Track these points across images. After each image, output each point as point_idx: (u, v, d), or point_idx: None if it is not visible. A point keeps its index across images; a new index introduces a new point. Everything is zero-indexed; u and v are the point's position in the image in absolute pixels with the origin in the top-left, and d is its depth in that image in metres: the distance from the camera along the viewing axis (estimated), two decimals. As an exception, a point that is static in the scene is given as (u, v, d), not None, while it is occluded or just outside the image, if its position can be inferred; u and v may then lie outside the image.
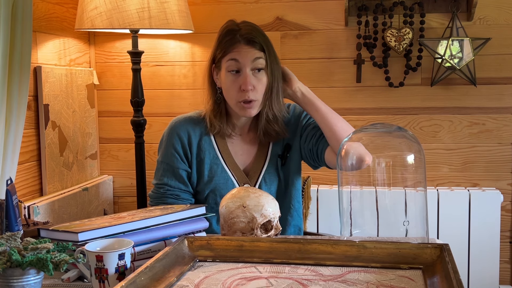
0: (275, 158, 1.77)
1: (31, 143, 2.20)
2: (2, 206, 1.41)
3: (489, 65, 2.45)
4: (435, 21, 2.46)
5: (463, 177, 2.53)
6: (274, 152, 1.77)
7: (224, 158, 1.76)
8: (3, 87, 1.71)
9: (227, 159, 1.76)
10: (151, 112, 2.62)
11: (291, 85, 1.75)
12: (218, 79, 1.72)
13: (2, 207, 1.42)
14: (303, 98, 1.73)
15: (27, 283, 1.09)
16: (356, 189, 1.46)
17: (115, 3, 2.16)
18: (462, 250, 2.41)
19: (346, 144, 1.45)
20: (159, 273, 1.11)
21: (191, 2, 2.53)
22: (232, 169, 1.75)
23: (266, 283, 1.10)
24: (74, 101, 2.47)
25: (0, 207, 1.42)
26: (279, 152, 1.77)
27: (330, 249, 1.23)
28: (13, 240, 1.14)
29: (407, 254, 1.19)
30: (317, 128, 1.74)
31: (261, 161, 1.77)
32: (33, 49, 2.15)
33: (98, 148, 2.73)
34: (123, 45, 2.66)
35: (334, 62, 2.55)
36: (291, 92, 1.75)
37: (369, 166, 1.47)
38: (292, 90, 1.74)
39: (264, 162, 1.76)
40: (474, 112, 2.49)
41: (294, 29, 2.54)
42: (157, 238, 1.30)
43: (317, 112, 1.71)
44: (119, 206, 2.77)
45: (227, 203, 1.44)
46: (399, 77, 2.49)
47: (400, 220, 1.45)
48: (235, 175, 1.75)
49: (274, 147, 1.77)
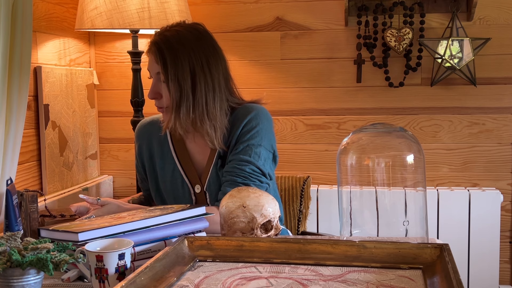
0: (218, 159, 1.70)
1: (31, 143, 2.20)
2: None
3: (489, 65, 2.45)
4: (435, 21, 2.46)
5: (463, 177, 2.53)
6: (219, 153, 1.69)
7: (180, 160, 1.73)
8: (3, 87, 1.71)
9: (183, 161, 1.73)
10: (151, 112, 2.61)
11: None
12: None
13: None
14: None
15: (27, 283, 1.10)
16: (356, 189, 1.46)
17: (115, 3, 2.16)
18: (462, 250, 2.41)
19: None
20: (159, 273, 1.11)
21: (191, 2, 2.53)
22: (186, 170, 1.72)
23: (266, 283, 1.10)
24: (74, 101, 2.47)
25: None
26: (222, 154, 1.69)
27: (330, 249, 1.23)
28: (13, 240, 1.14)
29: (407, 254, 1.19)
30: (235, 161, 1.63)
31: (210, 163, 1.71)
32: (33, 49, 2.15)
33: (98, 148, 2.73)
34: (123, 45, 2.66)
35: (334, 62, 2.55)
36: None
37: (369, 166, 1.47)
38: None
39: (211, 165, 1.70)
40: (474, 112, 2.49)
41: (294, 29, 2.54)
42: (157, 238, 1.30)
43: None
44: (119, 206, 2.77)
45: (227, 203, 1.44)
46: (399, 77, 2.49)
47: (400, 220, 1.45)
48: (188, 175, 1.72)
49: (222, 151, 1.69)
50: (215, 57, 1.65)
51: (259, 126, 1.65)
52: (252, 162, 1.62)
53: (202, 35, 1.65)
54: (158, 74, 1.64)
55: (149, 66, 1.68)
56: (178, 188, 1.73)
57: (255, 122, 1.65)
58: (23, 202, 1.50)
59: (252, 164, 1.62)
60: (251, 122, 1.64)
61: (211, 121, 1.62)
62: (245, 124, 1.64)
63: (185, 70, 1.60)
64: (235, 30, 2.56)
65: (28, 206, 1.49)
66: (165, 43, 1.62)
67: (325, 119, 2.57)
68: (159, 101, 1.67)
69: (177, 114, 1.62)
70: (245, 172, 1.62)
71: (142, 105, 2.42)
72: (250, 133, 1.64)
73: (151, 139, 1.79)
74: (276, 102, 2.56)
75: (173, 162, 1.73)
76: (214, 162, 1.69)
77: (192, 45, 1.62)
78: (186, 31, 1.64)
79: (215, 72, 1.64)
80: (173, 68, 1.60)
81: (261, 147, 1.64)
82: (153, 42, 1.65)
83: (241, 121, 1.65)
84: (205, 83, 1.61)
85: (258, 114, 1.66)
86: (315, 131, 2.60)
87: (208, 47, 1.64)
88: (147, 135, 1.80)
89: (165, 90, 1.63)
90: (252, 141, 1.63)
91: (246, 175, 1.62)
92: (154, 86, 1.65)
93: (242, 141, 1.64)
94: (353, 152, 1.47)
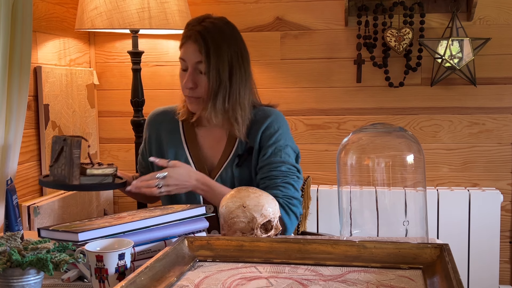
0: (235, 157, 1.73)
1: (31, 143, 2.20)
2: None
3: (489, 65, 2.45)
4: (435, 21, 2.46)
5: (463, 177, 2.53)
6: (237, 151, 1.73)
7: (190, 152, 1.76)
8: (3, 87, 1.71)
9: (194, 153, 1.76)
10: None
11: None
12: None
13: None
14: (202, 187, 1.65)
15: (27, 283, 1.10)
16: (356, 189, 1.46)
17: (115, 3, 2.16)
18: (462, 250, 2.41)
19: None
20: (159, 273, 1.11)
21: (191, 2, 2.53)
22: (197, 163, 1.75)
23: (266, 283, 1.10)
24: (74, 101, 2.47)
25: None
26: (240, 152, 1.73)
27: (330, 249, 1.23)
28: (13, 240, 1.15)
29: (407, 254, 1.19)
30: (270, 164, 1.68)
31: (225, 158, 1.74)
32: (33, 49, 2.15)
33: (98, 148, 2.73)
34: (123, 45, 2.66)
35: (334, 62, 2.55)
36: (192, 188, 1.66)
37: (369, 166, 1.47)
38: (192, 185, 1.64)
39: (226, 159, 1.74)
40: (474, 112, 2.49)
41: (294, 29, 2.54)
42: (157, 238, 1.30)
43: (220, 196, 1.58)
44: (119, 206, 2.77)
45: (227, 203, 1.44)
46: (399, 77, 2.49)
47: (400, 220, 1.45)
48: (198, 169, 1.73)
49: (239, 146, 1.73)
50: (246, 51, 1.73)
51: (281, 129, 1.72)
52: (286, 161, 1.69)
53: (235, 29, 1.73)
54: (198, 63, 1.66)
55: (186, 55, 1.68)
56: None
57: (276, 126, 1.72)
58: (65, 147, 1.47)
59: (286, 163, 1.69)
60: (272, 125, 1.71)
61: (242, 111, 1.69)
62: (266, 128, 1.71)
63: (225, 61, 1.66)
64: (235, 30, 2.56)
65: (72, 152, 1.46)
66: (208, 33, 1.67)
67: (325, 119, 2.57)
68: (194, 91, 1.68)
69: (214, 103, 1.67)
70: (282, 171, 1.68)
71: (142, 105, 2.42)
72: (274, 136, 1.70)
73: (160, 128, 1.81)
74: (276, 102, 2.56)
75: (184, 154, 1.76)
76: (231, 159, 1.72)
77: (230, 38, 1.69)
78: (222, 24, 1.71)
79: (247, 65, 1.72)
80: (215, 58, 1.65)
81: (288, 147, 1.71)
82: (197, 32, 1.66)
83: (261, 124, 1.71)
84: (239, 74, 1.69)
85: (277, 118, 1.73)
86: (315, 131, 2.60)
87: (241, 41, 1.73)
88: (157, 124, 1.82)
89: (203, 79, 1.67)
90: (278, 143, 1.70)
91: (284, 174, 1.67)
92: (192, 76, 1.67)
93: (268, 145, 1.70)
94: (353, 152, 1.47)
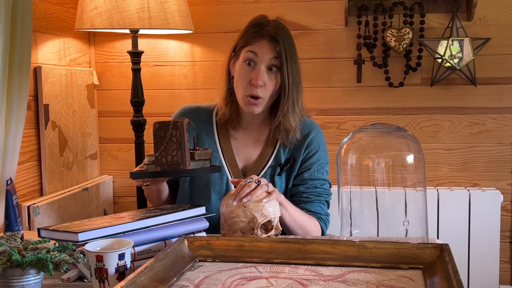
0: (275, 165, 1.75)
1: (31, 143, 2.20)
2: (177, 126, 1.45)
3: (489, 65, 2.45)
4: (435, 21, 2.46)
5: (463, 177, 2.53)
6: (277, 159, 1.75)
7: (224, 154, 1.76)
8: (3, 87, 1.71)
9: (227, 155, 1.76)
10: (151, 112, 2.62)
11: None
12: (233, 68, 1.74)
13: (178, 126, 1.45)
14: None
15: (27, 283, 1.10)
16: (356, 189, 1.46)
17: (115, 3, 2.16)
18: (462, 250, 2.41)
19: None
20: (159, 273, 1.11)
21: (191, 2, 2.53)
22: (230, 165, 1.75)
23: (266, 283, 1.10)
24: (74, 101, 2.47)
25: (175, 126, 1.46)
26: (281, 161, 1.75)
27: (330, 249, 1.23)
28: (13, 240, 1.15)
29: (407, 254, 1.19)
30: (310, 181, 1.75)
31: (261, 164, 1.75)
32: (33, 49, 2.15)
33: (98, 148, 2.73)
34: (123, 45, 2.66)
35: (334, 62, 2.55)
36: None
37: (369, 166, 1.48)
38: None
39: (264, 166, 1.75)
40: (474, 112, 2.49)
41: (294, 29, 2.54)
42: (157, 238, 1.30)
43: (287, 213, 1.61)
44: (119, 206, 2.77)
45: (228, 202, 1.44)
46: (399, 77, 2.49)
47: (400, 220, 1.45)
48: (232, 172, 1.75)
49: (278, 154, 1.75)
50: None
51: (323, 145, 1.79)
52: (326, 179, 1.79)
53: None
54: (273, 59, 1.65)
55: (261, 52, 1.66)
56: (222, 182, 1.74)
57: (320, 140, 1.78)
58: (175, 132, 1.44)
59: (326, 181, 1.79)
60: (316, 140, 1.77)
61: (296, 117, 1.72)
62: (311, 142, 1.76)
63: (296, 62, 1.70)
64: (235, 30, 2.55)
65: (183, 135, 1.45)
66: (285, 33, 1.69)
67: (325, 119, 2.57)
68: (261, 90, 1.66)
69: (286, 103, 1.68)
70: (325, 190, 1.77)
71: (142, 105, 2.42)
72: (318, 152, 1.76)
73: (197, 123, 1.73)
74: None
75: (218, 155, 1.75)
76: (270, 166, 1.74)
77: (293, 41, 1.72)
78: (285, 26, 1.72)
79: (299, 68, 1.74)
80: (292, 57, 1.68)
81: (327, 165, 1.81)
82: (272, 29, 1.67)
83: (306, 137, 1.76)
84: (298, 77, 1.71)
85: (319, 133, 1.80)
86: (315, 131, 2.59)
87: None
88: (193, 117, 1.72)
89: (272, 79, 1.67)
90: (321, 160, 1.77)
91: (326, 192, 1.78)
92: (262, 74, 1.66)
93: (313, 161, 1.76)
94: (353, 152, 1.47)
